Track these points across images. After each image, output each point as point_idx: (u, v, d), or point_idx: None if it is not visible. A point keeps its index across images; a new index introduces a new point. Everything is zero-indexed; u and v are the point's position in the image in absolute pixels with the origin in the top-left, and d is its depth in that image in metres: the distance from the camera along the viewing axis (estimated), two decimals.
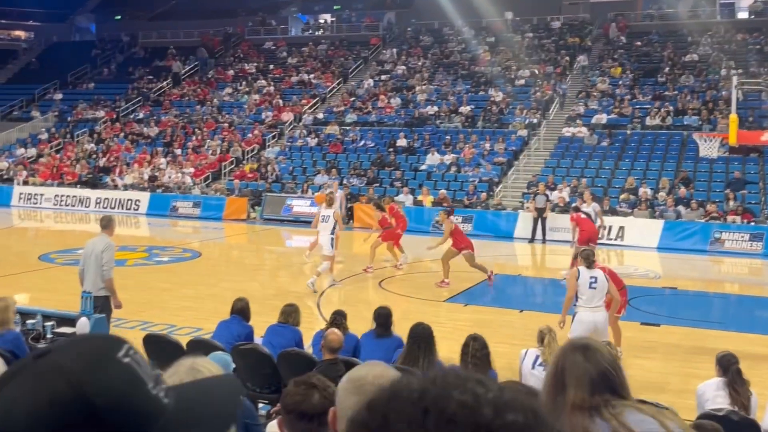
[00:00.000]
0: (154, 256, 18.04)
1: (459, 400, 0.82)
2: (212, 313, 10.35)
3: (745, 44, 31.24)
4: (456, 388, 0.83)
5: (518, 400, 0.85)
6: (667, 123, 27.20)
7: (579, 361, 2.26)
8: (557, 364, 2.32)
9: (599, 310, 8.58)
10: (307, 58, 38.27)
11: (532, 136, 28.26)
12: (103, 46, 44.51)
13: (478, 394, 0.83)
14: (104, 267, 8.83)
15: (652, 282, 15.92)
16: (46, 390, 0.87)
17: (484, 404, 0.82)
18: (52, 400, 0.86)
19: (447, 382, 0.85)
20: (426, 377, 0.86)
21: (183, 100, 36.34)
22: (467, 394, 0.82)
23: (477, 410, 0.81)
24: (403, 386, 0.85)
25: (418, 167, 27.29)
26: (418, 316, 9.44)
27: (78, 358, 0.91)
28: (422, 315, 9.86)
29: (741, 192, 22.49)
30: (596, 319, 8.42)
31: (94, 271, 8.85)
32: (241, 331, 7.69)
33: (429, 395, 0.82)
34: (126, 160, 30.98)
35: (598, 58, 33.26)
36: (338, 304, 11.74)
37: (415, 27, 38.99)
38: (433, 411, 0.80)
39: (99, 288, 8.86)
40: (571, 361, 2.27)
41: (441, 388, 0.84)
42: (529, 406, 0.84)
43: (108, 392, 0.88)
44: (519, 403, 0.84)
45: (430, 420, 0.80)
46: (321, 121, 32.13)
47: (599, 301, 8.58)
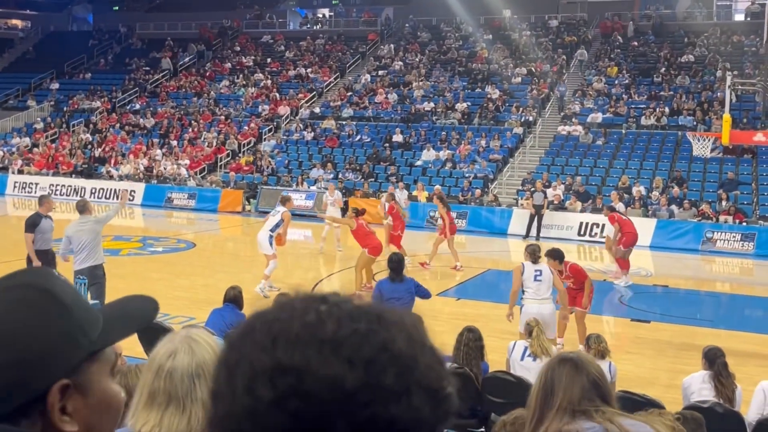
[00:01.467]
0: (148, 246, 18.09)
1: (303, 321, 0.84)
2: (206, 302, 10.42)
3: (741, 46, 31.37)
4: (301, 311, 0.86)
5: (361, 309, 0.87)
6: (662, 123, 27.32)
7: (568, 373, 2.27)
8: (545, 377, 2.31)
9: (546, 302, 8.81)
10: (304, 53, 38.28)
11: (528, 134, 28.36)
12: (100, 37, 44.44)
13: (320, 311, 0.85)
14: (89, 234, 9.08)
15: (643, 280, 16.03)
16: (24, 301, 1.10)
17: (326, 319, 0.84)
18: (30, 305, 1.10)
19: (294, 307, 0.87)
20: (278, 306, 0.89)
21: (180, 92, 36.32)
22: (311, 314, 0.85)
23: (319, 326, 0.84)
24: (256, 319, 0.88)
25: (414, 163, 27.37)
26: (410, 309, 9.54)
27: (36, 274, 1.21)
28: (414, 308, 9.95)
29: (734, 192, 22.62)
30: (542, 311, 8.56)
31: (90, 247, 9.13)
32: (234, 319, 7.73)
33: (276, 323, 0.85)
34: (122, 151, 30.98)
35: (595, 57, 33.36)
36: None
37: (413, 23, 39.03)
38: (279, 337, 0.83)
39: (100, 258, 9.29)
40: (560, 373, 2.27)
41: (289, 313, 0.86)
42: (373, 312, 0.86)
43: (67, 293, 1.14)
44: (362, 312, 0.86)
45: (278, 346, 0.83)
46: (317, 115, 32.17)
47: (546, 293, 8.82)
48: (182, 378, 1.81)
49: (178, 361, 1.83)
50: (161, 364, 1.84)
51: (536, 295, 8.79)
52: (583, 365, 2.29)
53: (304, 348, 0.82)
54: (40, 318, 1.08)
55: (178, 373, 1.81)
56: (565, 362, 2.31)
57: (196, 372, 1.82)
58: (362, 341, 0.83)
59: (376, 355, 0.83)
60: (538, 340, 6.73)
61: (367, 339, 0.84)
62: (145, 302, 1.31)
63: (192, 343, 1.86)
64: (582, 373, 2.27)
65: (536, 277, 8.86)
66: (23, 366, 1.04)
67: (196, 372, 1.82)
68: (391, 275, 8.76)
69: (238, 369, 0.84)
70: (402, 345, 0.85)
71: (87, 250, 9.12)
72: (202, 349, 1.86)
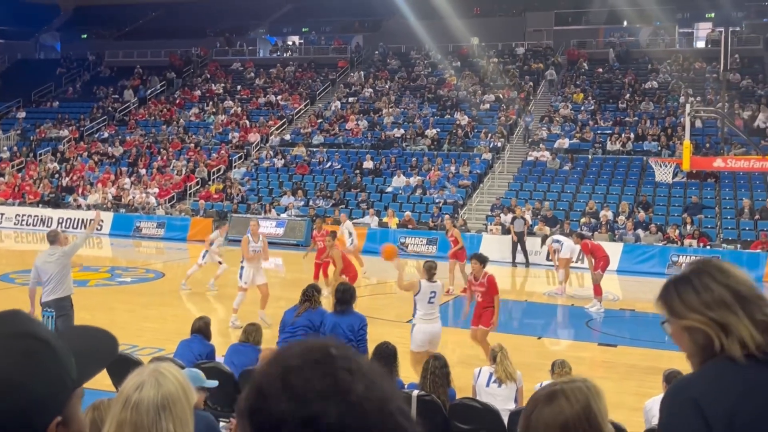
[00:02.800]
0: (116, 277, 17.92)
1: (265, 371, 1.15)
2: (174, 333, 10.35)
3: (703, 73, 32.11)
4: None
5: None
6: (627, 148, 27.81)
7: (546, 411, 2.15)
8: (528, 415, 2.19)
9: (435, 321, 9.07)
10: (274, 80, 38.42)
11: (496, 160, 28.68)
12: (68, 65, 44.20)
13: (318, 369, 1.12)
14: (61, 265, 9.03)
15: (611, 304, 16.22)
16: (27, 353, 1.25)
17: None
18: (31, 355, 1.26)
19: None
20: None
21: (149, 120, 36.19)
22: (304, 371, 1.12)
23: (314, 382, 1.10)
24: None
25: (384, 189, 27.51)
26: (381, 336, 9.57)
27: None
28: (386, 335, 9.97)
29: (698, 216, 23.04)
30: (434, 330, 8.94)
31: (57, 279, 9.02)
32: (202, 350, 7.73)
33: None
34: (90, 180, 30.72)
35: (561, 84, 33.92)
36: None
37: (383, 50, 39.41)
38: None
39: (68, 289, 9.15)
40: (540, 409, 2.16)
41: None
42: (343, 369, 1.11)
43: (52, 336, 1.30)
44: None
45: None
46: (288, 142, 32.24)
47: (436, 312, 9.11)
48: (148, 410, 1.86)
49: (144, 394, 1.88)
50: (128, 396, 1.89)
51: (428, 315, 8.98)
52: (563, 400, 2.17)
53: (275, 384, 1.10)
54: (41, 367, 1.25)
55: (144, 404, 1.86)
56: (546, 398, 2.19)
57: (161, 404, 1.87)
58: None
59: None
60: (503, 366, 6.81)
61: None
62: (107, 339, 1.42)
63: (159, 376, 1.91)
64: (561, 408, 2.14)
65: (431, 299, 9.07)
66: (29, 411, 1.22)
67: (161, 404, 1.87)
68: (337, 306, 8.14)
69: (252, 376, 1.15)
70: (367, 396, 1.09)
71: (54, 282, 9.03)
72: (168, 382, 1.91)
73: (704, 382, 1.86)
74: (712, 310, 1.95)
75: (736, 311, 1.92)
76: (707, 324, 1.94)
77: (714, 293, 1.96)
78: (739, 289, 1.95)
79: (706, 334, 1.93)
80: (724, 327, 1.93)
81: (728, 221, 23.14)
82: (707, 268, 2.02)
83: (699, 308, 1.95)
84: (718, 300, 1.95)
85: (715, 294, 1.95)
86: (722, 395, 1.81)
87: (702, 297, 1.96)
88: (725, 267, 2.01)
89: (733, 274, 1.99)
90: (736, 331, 1.90)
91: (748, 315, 1.91)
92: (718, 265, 2.03)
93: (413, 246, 22.81)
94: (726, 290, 1.96)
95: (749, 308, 1.92)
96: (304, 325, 8.17)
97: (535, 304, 16.91)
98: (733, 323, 1.92)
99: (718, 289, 1.96)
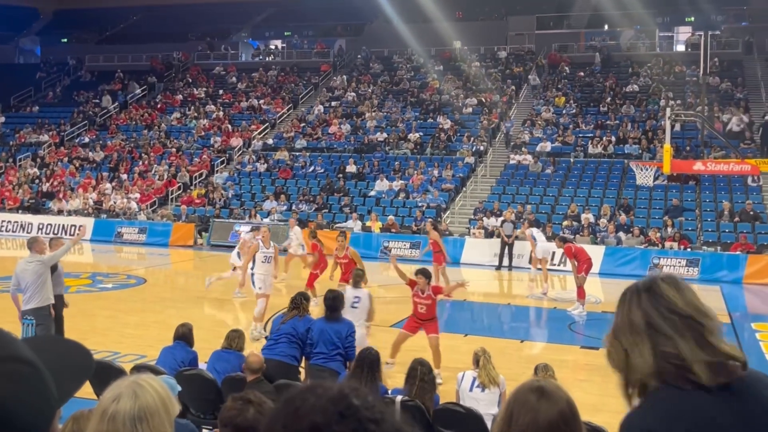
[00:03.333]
0: (97, 283, 17.77)
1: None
2: (156, 339, 10.28)
3: (683, 76, 32.39)
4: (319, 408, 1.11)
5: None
6: (608, 151, 27.99)
7: (531, 402, 2.14)
8: (509, 407, 2.18)
9: (360, 327, 9.12)
10: (257, 84, 38.32)
11: (479, 164, 28.77)
12: (48, 69, 43.86)
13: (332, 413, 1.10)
14: (38, 276, 8.93)
15: (593, 307, 16.30)
16: (15, 376, 1.22)
17: None
18: (20, 380, 1.22)
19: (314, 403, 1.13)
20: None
21: (130, 125, 35.98)
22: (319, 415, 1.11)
23: None
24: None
25: (367, 193, 27.50)
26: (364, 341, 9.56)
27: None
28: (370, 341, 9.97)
29: (679, 219, 23.22)
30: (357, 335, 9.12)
31: (34, 288, 8.93)
32: (185, 356, 7.69)
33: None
34: (70, 185, 30.48)
35: (543, 88, 34.09)
36: None
37: (366, 54, 39.43)
38: None
39: (47, 299, 9.03)
40: (523, 401, 2.15)
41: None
42: None
43: (35, 357, 1.27)
44: None
45: None
46: (270, 146, 32.15)
47: (359, 319, 9.28)
48: (124, 422, 1.84)
49: (121, 406, 1.86)
50: (106, 408, 1.87)
51: (351, 320, 9.06)
52: (548, 396, 2.17)
53: None
54: (29, 393, 1.22)
55: (120, 416, 1.84)
56: (530, 392, 2.18)
57: (138, 416, 1.84)
58: None
59: None
60: (485, 370, 6.82)
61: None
62: (82, 353, 1.39)
63: (137, 388, 1.90)
64: (546, 404, 2.14)
65: (354, 304, 9.34)
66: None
67: (138, 416, 1.84)
68: (327, 313, 8.27)
69: (267, 426, 1.13)
70: None
71: (31, 291, 8.96)
72: (146, 394, 1.89)
73: (657, 413, 1.87)
74: (622, 335, 1.97)
75: (638, 340, 1.94)
76: (613, 347, 1.98)
77: (626, 318, 1.98)
78: (652, 316, 1.95)
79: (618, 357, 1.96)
80: (626, 353, 1.95)
81: (708, 223, 23.34)
82: (640, 288, 2.03)
83: (613, 331, 2.01)
84: (626, 325, 1.97)
85: (628, 318, 1.98)
86: (675, 424, 1.83)
87: (617, 320, 2.01)
88: (659, 289, 1.98)
89: (665, 297, 1.96)
90: (632, 360, 1.94)
91: (651, 343, 1.92)
92: (651, 286, 2.00)
93: (396, 250, 22.79)
94: (641, 316, 1.97)
95: (655, 338, 1.92)
96: (287, 332, 8.14)
97: (518, 308, 16.95)
98: (631, 351, 1.94)
99: (635, 313, 1.98)
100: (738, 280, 20.25)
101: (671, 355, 1.89)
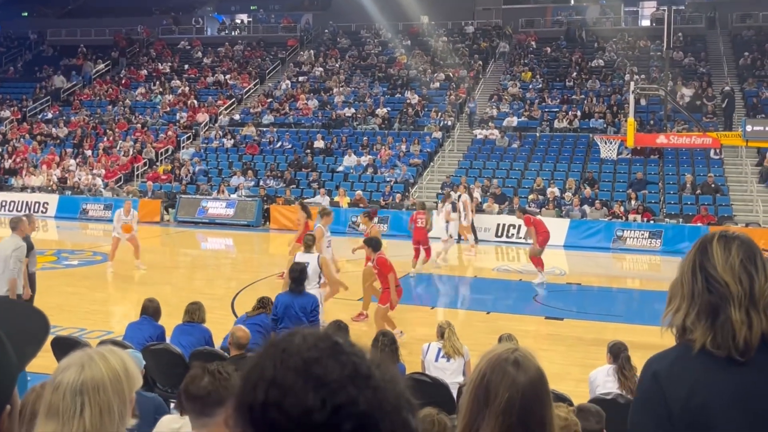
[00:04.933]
0: (63, 260, 17.61)
1: (305, 355, 1.12)
2: (123, 316, 10.28)
3: (648, 51, 32.71)
4: (307, 345, 1.12)
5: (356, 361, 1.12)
6: (574, 126, 28.27)
7: (510, 373, 2.09)
8: (483, 376, 2.12)
9: (312, 289, 9.53)
10: (223, 59, 37.90)
11: (447, 138, 28.88)
12: (9, 44, 42.92)
13: (322, 349, 1.12)
14: (12, 268, 8.79)
15: (557, 279, 16.58)
16: None
17: (322, 358, 1.11)
18: None
19: (304, 339, 1.14)
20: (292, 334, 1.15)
21: (94, 100, 35.42)
22: (312, 350, 1.11)
23: (315, 364, 1.10)
24: (281, 339, 1.15)
25: (335, 168, 27.49)
26: (334, 314, 9.67)
27: None
28: (338, 314, 10.08)
29: (642, 192, 23.60)
30: None
31: (1, 273, 8.82)
32: (152, 332, 7.70)
33: (287, 349, 1.13)
34: (33, 162, 30.01)
35: (510, 63, 34.20)
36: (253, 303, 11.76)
37: (333, 29, 39.16)
38: (284, 360, 1.11)
39: (5, 289, 8.79)
40: (501, 372, 2.09)
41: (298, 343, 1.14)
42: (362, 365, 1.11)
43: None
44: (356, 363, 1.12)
45: (279, 366, 1.11)
46: (237, 122, 31.91)
47: (312, 282, 9.68)
48: (65, 393, 1.81)
49: (65, 376, 1.83)
50: (53, 377, 1.86)
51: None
52: (525, 365, 2.12)
53: (295, 376, 1.07)
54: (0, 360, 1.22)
55: (62, 387, 1.82)
56: (508, 363, 2.11)
57: (79, 389, 1.81)
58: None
59: (344, 402, 1.06)
60: (450, 342, 6.96)
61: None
62: (38, 316, 1.39)
63: (86, 361, 1.86)
64: (524, 373, 2.09)
65: None
66: None
67: (79, 389, 1.81)
68: (291, 286, 8.51)
69: (251, 371, 1.10)
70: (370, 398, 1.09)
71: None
72: (95, 367, 1.85)
73: (667, 360, 1.99)
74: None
75: (674, 292, 2.03)
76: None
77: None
78: (685, 271, 2.02)
79: None
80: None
81: (671, 196, 23.76)
82: (698, 243, 2.07)
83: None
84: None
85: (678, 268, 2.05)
86: (683, 375, 1.94)
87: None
88: (710, 247, 2.02)
89: (708, 255, 2.00)
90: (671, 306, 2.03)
91: (678, 299, 2.01)
92: (704, 242, 2.05)
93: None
94: (679, 270, 2.04)
95: (677, 293, 2.02)
96: (256, 323, 7.99)
97: (483, 280, 17.16)
98: (671, 299, 2.03)
99: (681, 265, 2.05)
100: None
101: (680, 316, 2.00)
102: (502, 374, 2.08)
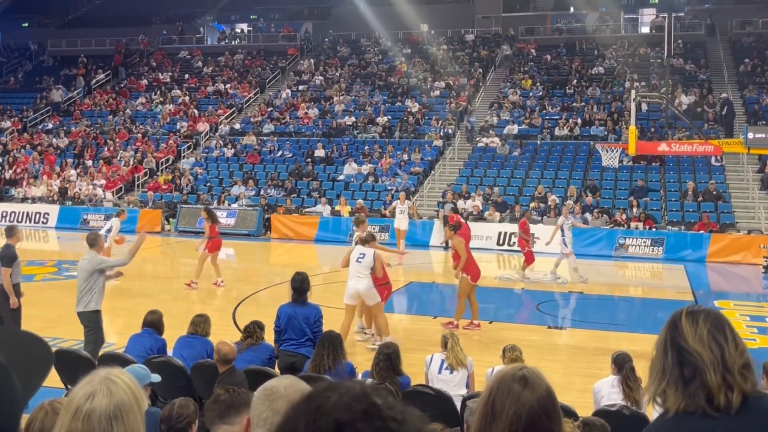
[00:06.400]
0: (63, 271, 17.57)
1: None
2: (124, 327, 10.22)
3: (648, 58, 32.73)
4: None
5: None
6: (574, 133, 28.25)
7: (516, 391, 2.10)
8: (491, 395, 2.14)
9: (362, 279, 10.32)
10: (223, 68, 37.96)
11: (447, 146, 28.87)
12: (9, 54, 43.00)
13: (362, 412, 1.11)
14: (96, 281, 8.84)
15: (559, 287, 16.53)
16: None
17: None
18: None
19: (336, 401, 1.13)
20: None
21: (94, 110, 35.45)
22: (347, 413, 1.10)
23: None
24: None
25: (336, 177, 27.47)
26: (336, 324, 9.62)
27: None
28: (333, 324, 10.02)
29: (644, 199, 23.56)
30: (357, 286, 10.32)
31: (89, 290, 8.86)
32: (153, 344, 7.65)
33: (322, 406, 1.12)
34: (34, 173, 30.01)
35: (510, 71, 34.23)
36: (255, 314, 11.73)
37: (333, 38, 39.22)
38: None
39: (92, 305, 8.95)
40: (507, 390, 2.11)
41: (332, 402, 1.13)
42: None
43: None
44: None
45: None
46: (238, 131, 31.92)
47: (362, 273, 10.32)
48: (100, 420, 1.81)
49: (96, 404, 1.83)
50: (79, 405, 1.84)
51: (354, 273, 10.34)
52: (531, 384, 2.11)
53: None
54: (7, 392, 1.21)
55: (96, 414, 1.82)
56: (513, 380, 2.13)
57: (113, 414, 1.82)
58: None
59: None
60: (453, 352, 6.90)
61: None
62: (41, 346, 1.36)
63: (111, 385, 1.87)
64: (529, 392, 2.09)
65: (358, 258, 10.35)
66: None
67: (113, 414, 1.82)
68: (293, 296, 8.33)
69: (284, 425, 1.11)
70: None
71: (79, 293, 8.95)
72: (120, 391, 1.87)
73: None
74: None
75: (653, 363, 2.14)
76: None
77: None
78: (659, 347, 2.15)
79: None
80: None
81: (673, 203, 23.72)
82: (671, 318, 2.17)
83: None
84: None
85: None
86: None
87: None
88: (679, 323, 2.13)
89: (679, 330, 2.12)
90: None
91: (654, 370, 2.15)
92: (674, 318, 2.16)
93: None
94: (656, 344, 2.18)
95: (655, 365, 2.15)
96: (248, 359, 7.42)
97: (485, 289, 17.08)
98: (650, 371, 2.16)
99: (658, 338, 2.17)
100: (701, 258, 20.65)
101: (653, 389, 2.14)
102: (508, 390, 2.11)
